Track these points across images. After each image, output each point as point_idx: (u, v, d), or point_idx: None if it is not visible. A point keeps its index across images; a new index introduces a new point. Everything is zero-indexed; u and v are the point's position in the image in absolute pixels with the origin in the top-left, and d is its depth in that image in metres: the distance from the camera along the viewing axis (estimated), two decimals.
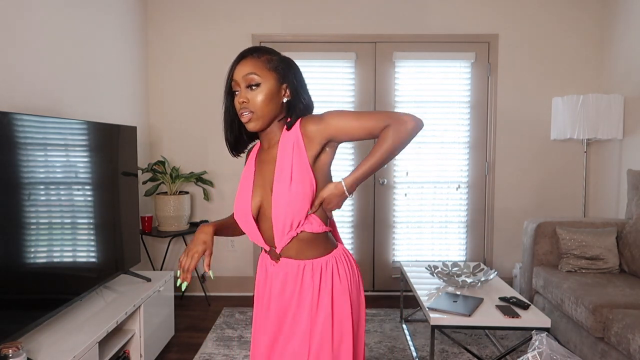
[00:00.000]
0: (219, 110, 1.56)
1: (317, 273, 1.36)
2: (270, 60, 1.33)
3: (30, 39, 2.39)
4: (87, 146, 2.41)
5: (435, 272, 2.86)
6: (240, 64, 1.32)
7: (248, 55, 1.33)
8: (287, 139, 1.34)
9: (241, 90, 1.31)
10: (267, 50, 1.36)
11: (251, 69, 1.30)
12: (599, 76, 3.91)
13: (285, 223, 1.32)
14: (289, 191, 1.30)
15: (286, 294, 1.38)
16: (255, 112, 1.31)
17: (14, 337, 1.84)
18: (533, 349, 1.60)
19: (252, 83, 1.30)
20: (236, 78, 1.32)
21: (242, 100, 1.31)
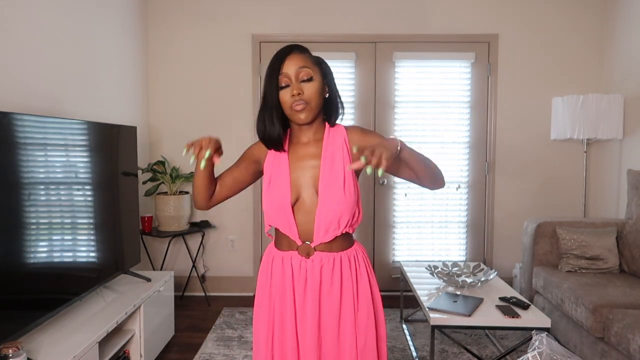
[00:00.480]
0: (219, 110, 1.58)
1: (353, 263, 1.45)
2: (313, 58, 1.41)
3: (30, 39, 2.39)
4: (87, 146, 2.41)
5: (435, 272, 2.86)
6: (289, 58, 1.36)
7: (294, 51, 1.38)
8: (334, 139, 1.43)
9: (293, 83, 1.36)
10: (308, 50, 1.43)
11: (303, 63, 1.37)
12: (599, 76, 3.91)
13: (333, 221, 1.38)
14: (342, 191, 1.37)
15: (325, 286, 1.42)
16: (309, 103, 1.37)
17: (14, 337, 1.84)
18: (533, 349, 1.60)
19: (306, 76, 1.36)
20: (287, 72, 1.36)
21: (296, 92, 1.35)
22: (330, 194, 1.38)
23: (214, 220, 3.99)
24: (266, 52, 3.91)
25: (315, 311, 1.41)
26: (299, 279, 1.43)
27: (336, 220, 1.39)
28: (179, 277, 3.96)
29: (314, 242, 1.42)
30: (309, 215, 1.41)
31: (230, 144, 3.93)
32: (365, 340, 1.42)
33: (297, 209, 1.43)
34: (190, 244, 3.99)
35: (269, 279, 1.49)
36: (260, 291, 1.52)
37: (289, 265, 1.45)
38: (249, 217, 4.00)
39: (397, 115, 3.94)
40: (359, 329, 1.43)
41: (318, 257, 1.42)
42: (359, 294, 1.45)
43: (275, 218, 1.44)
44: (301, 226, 1.42)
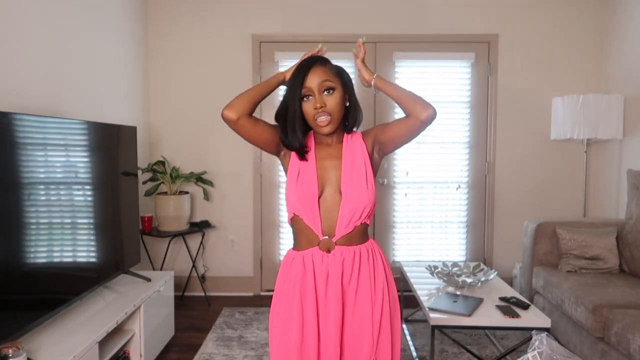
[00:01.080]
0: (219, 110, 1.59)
1: (371, 255, 1.55)
2: (333, 67, 1.49)
3: (30, 39, 2.39)
4: (87, 146, 2.41)
5: (435, 272, 2.86)
6: (312, 72, 1.45)
7: (317, 64, 1.46)
8: (353, 141, 1.56)
9: (316, 96, 1.45)
10: (329, 61, 1.52)
11: (325, 76, 1.45)
12: (599, 76, 3.91)
13: (356, 212, 1.49)
14: (365, 185, 1.49)
15: (346, 277, 1.51)
16: (332, 115, 1.47)
17: (14, 337, 1.84)
18: (533, 349, 1.60)
19: (328, 88, 1.45)
20: (310, 85, 1.44)
21: (319, 105, 1.44)
22: (353, 188, 1.50)
23: (214, 220, 3.99)
24: (266, 52, 3.91)
25: (338, 303, 1.49)
26: (321, 273, 1.51)
27: (360, 211, 1.50)
28: (179, 277, 3.95)
29: (336, 236, 1.51)
30: (331, 212, 1.51)
31: (230, 144, 3.95)
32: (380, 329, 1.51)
33: (320, 205, 1.52)
34: (190, 244, 3.99)
35: (288, 278, 1.55)
36: (279, 291, 1.57)
37: (310, 262, 1.52)
38: (249, 217, 4.00)
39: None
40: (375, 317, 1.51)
41: (339, 250, 1.51)
42: (376, 283, 1.54)
43: (303, 209, 1.51)
44: (323, 222, 1.51)
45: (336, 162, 1.54)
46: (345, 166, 1.52)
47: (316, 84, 1.44)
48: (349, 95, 1.52)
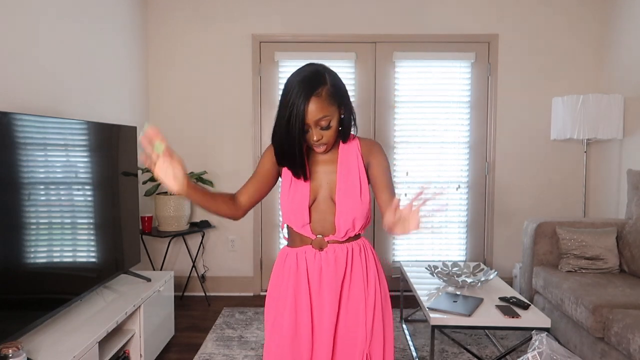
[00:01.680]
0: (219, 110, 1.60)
1: (363, 251, 1.60)
2: (329, 93, 1.44)
3: (30, 39, 2.39)
4: (87, 146, 2.41)
5: (435, 272, 2.86)
6: (310, 107, 1.41)
7: (313, 96, 1.41)
8: (349, 150, 1.56)
9: (313, 129, 1.45)
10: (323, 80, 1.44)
11: (322, 113, 1.42)
12: (599, 76, 3.91)
13: (348, 223, 1.53)
14: (359, 198, 1.52)
15: (339, 274, 1.55)
16: (328, 143, 1.49)
17: (14, 337, 1.84)
18: (533, 349, 1.60)
19: (325, 124, 1.44)
20: (309, 122, 1.43)
21: (317, 139, 1.46)
22: (348, 200, 1.52)
23: (214, 220, 3.99)
24: (266, 52, 3.91)
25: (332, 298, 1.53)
26: (314, 270, 1.55)
27: (352, 223, 1.54)
28: (179, 277, 3.96)
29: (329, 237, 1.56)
30: (324, 215, 1.55)
31: (230, 144, 3.95)
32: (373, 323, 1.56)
33: (313, 210, 1.56)
34: (190, 244, 3.99)
35: (282, 274, 1.60)
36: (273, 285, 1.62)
37: (303, 258, 1.57)
38: (249, 218, 4.00)
39: (397, 115, 3.94)
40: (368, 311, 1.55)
41: (331, 248, 1.56)
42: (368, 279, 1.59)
43: (293, 218, 1.56)
44: (315, 223, 1.56)
45: (331, 167, 1.56)
46: (340, 176, 1.54)
47: (313, 121, 1.43)
48: (344, 110, 1.50)
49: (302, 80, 1.43)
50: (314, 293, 1.55)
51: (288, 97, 1.43)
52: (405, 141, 3.96)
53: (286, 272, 1.59)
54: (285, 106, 1.43)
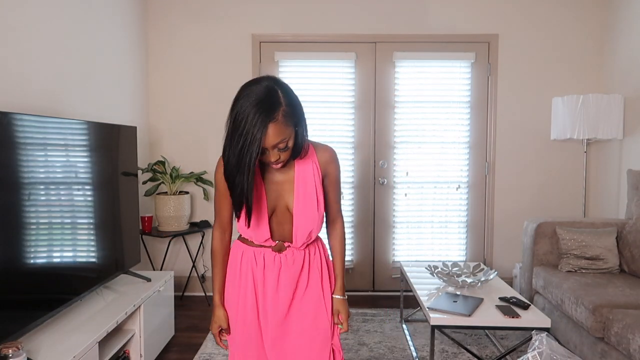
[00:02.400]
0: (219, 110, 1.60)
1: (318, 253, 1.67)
2: (285, 114, 1.39)
3: (30, 39, 2.39)
4: (87, 146, 2.41)
5: (435, 272, 2.86)
6: (268, 133, 1.36)
7: (270, 122, 1.35)
8: (305, 162, 1.57)
9: (270, 151, 1.42)
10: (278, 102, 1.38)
11: (279, 138, 1.39)
12: (599, 76, 3.92)
13: (305, 236, 1.58)
14: (316, 210, 1.57)
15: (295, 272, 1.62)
16: (285, 162, 1.49)
17: (14, 337, 1.84)
18: (533, 349, 1.60)
19: (283, 147, 1.42)
20: (267, 146, 1.39)
21: (274, 159, 1.44)
22: (306, 215, 1.56)
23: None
24: (266, 52, 3.91)
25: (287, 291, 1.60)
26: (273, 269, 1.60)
27: (309, 235, 1.59)
28: (179, 277, 3.96)
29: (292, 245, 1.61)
30: (282, 225, 1.59)
31: None
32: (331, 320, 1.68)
33: (272, 222, 1.59)
34: (190, 244, 3.99)
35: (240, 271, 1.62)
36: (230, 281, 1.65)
37: (261, 258, 1.61)
38: None
39: (397, 116, 3.94)
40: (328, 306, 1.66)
41: (290, 251, 1.61)
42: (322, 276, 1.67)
43: (253, 235, 1.58)
44: (274, 233, 1.60)
45: (286, 177, 1.57)
46: (297, 191, 1.56)
47: (270, 146, 1.39)
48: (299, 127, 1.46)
49: (256, 105, 1.35)
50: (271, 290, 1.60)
51: (242, 125, 1.35)
52: (405, 141, 3.96)
53: (244, 269, 1.62)
54: (240, 134, 1.35)
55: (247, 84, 1.43)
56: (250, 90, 1.39)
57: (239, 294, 1.62)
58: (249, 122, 1.35)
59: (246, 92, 1.40)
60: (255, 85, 1.41)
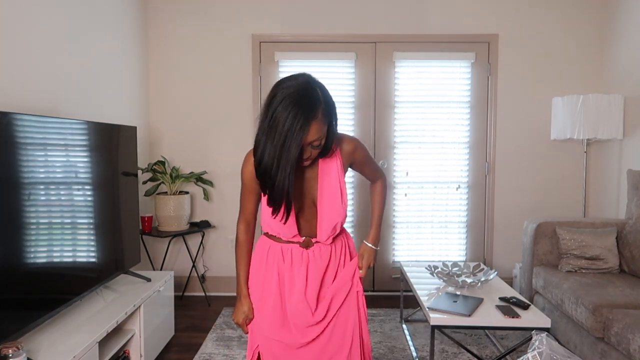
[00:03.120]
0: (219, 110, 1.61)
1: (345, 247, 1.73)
2: (324, 112, 1.42)
3: (30, 39, 2.39)
4: (87, 146, 2.41)
5: (435, 272, 2.86)
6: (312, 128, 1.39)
7: (313, 120, 1.38)
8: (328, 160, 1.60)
9: (305, 148, 1.45)
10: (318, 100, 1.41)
11: (317, 135, 1.42)
12: (599, 76, 3.92)
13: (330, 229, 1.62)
14: (340, 203, 1.61)
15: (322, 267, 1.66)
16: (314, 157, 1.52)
17: (14, 337, 1.84)
18: (533, 349, 1.60)
19: (318, 144, 1.46)
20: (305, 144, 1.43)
21: (307, 156, 1.48)
22: (330, 208, 1.60)
23: (214, 220, 3.99)
24: (266, 52, 3.91)
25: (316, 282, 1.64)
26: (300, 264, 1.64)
27: (337, 226, 1.63)
28: (179, 277, 3.96)
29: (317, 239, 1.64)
30: (309, 220, 1.63)
31: (230, 144, 3.95)
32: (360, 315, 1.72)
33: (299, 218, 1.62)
34: (190, 244, 3.99)
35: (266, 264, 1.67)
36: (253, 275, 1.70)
37: (288, 254, 1.64)
38: None
39: (397, 116, 3.94)
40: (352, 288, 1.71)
41: (317, 247, 1.65)
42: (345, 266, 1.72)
43: (282, 232, 1.62)
44: (302, 230, 1.64)
45: (311, 174, 1.60)
46: (321, 187, 1.60)
47: (308, 142, 1.42)
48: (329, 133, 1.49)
49: (298, 103, 1.36)
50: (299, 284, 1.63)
51: (283, 123, 1.35)
52: (405, 141, 3.96)
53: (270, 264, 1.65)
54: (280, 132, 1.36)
55: (282, 81, 1.44)
56: (288, 88, 1.39)
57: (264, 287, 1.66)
58: (289, 119, 1.35)
59: (284, 90, 1.39)
60: (292, 81, 1.41)
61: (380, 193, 1.81)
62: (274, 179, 1.41)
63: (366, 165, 1.74)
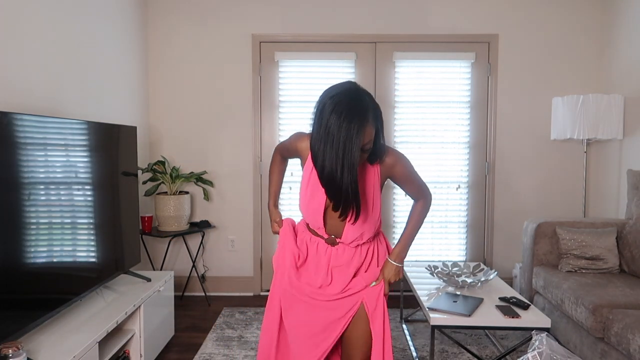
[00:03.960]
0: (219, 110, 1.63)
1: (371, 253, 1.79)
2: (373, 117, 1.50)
3: (30, 39, 2.39)
4: (87, 146, 2.41)
5: (435, 272, 2.86)
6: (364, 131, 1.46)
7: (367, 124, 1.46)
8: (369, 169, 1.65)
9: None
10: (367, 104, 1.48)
11: (369, 138, 1.50)
12: (599, 76, 3.92)
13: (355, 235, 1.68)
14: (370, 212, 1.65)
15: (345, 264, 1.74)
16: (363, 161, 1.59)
17: (14, 337, 1.84)
18: (533, 349, 1.60)
19: (367, 148, 1.52)
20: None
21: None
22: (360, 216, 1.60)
23: (214, 220, 3.99)
24: (266, 52, 3.91)
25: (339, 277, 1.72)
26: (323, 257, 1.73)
27: (361, 235, 1.69)
28: (179, 277, 3.96)
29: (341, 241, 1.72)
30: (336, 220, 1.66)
31: (230, 144, 3.96)
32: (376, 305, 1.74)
33: (327, 214, 1.69)
34: (190, 244, 3.99)
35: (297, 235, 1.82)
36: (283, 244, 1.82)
37: (314, 245, 1.75)
38: (249, 217, 4.00)
39: (397, 116, 3.94)
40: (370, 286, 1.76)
41: (342, 247, 1.73)
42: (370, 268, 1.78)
43: (310, 219, 1.71)
44: (329, 227, 1.71)
45: None
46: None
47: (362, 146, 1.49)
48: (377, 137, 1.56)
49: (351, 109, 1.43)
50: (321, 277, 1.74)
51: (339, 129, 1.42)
52: (405, 141, 3.96)
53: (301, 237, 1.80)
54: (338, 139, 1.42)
55: (330, 90, 1.51)
56: (338, 95, 1.47)
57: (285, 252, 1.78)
58: (344, 125, 1.42)
59: (333, 98, 1.46)
60: (341, 89, 1.49)
61: (418, 213, 1.79)
62: (340, 184, 1.47)
63: (407, 182, 1.72)
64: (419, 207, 1.79)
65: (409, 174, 1.71)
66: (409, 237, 1.78)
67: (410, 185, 1.74)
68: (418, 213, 1.79)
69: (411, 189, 1.76)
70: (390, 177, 1.71)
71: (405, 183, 1.73)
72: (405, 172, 1.69)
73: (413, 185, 1.74)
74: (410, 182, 1.73)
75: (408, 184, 1.73)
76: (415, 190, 1.76)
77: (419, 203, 1.80)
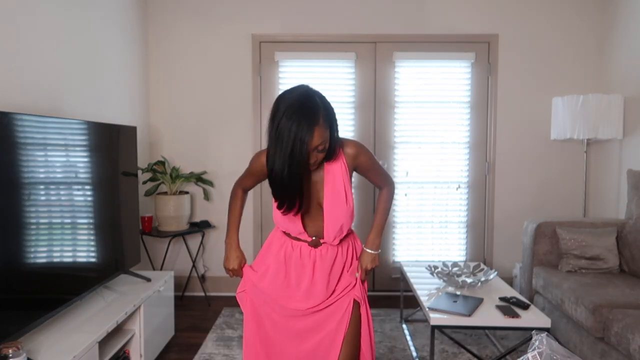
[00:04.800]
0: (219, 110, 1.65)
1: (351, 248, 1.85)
2: (324, 117, 1.54)
3: (31, 39, 2.39)
4: (87, 146, 2.41)
5: (435, 272, 2.86)
6: (315, 135, 1.51)
7: (316, 126, 1.50)
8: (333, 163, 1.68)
9: (311, 154, 1.56)
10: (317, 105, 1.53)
11: (322, 139, 1.53)
12: (599, 76, 3.91)
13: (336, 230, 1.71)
14: (345, 205, 1.69)
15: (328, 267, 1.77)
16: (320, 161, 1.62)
17: (14, 337, 1.84)
18: (533, 349, 1.60)
19: (322, 149, 1.56)
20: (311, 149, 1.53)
21: (314, 160, 1.58)
22: (336, 210, 1.68)
23: (214, 220, 3.99)
24: (266, 52, 3.91)
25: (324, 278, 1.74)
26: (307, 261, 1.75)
27: (340, 229, 1.72)
28: (179, 277, 3.96)
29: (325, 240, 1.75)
30: (315, 220, 1.73)
31: (230, 143, 3.96)
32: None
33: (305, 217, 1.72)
34: (190, 244, 3.99)
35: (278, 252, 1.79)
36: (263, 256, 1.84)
37: (298, 250, 1.76)
38: (248, 218, 4.00)
39: (397, 116, 3.94)
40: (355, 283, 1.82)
41: (325, 247, 1.76)
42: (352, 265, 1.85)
43: (289, 226, 1.73)
44: (309, 228, 1.74)
45: (317, 176, 1.70)
46: (327, 189, 1.69)
47: (313, 147, 1.53)
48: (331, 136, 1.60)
49: (300, 111, 1.48)
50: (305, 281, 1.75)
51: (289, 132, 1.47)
52: (405, 141, 3.96)
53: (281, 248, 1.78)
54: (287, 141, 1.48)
55: (283, 94, 1.57)
56: (289, 99, 1.52)
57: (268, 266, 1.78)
58: (294, 128, 1.48)
59: (285, 101, 1.52)
60: (292, 93, 1.54)
61: (385, 200, 1.85)
62: (286, 185, 1.55)
63: (371, 171, 1.79)
64: (385, 195, 1.86)
65: (373, 163, 1.77)
66: (380, 224, 1.85)
67: (374, 173, 1.80)
68: (385, 200, 1.85)
69: (375, 176, 1.82)
70: (356, 168, 1.75)
71: (370, 171, 1.78)
72: (368, 161, 1.75)
73: (377, 172, 1.81)
74: (374, 170, 1.79)
75: (372, 172, 1.79)
76: (379, 178, 1.83)
77: (384, 190, 1.86)
